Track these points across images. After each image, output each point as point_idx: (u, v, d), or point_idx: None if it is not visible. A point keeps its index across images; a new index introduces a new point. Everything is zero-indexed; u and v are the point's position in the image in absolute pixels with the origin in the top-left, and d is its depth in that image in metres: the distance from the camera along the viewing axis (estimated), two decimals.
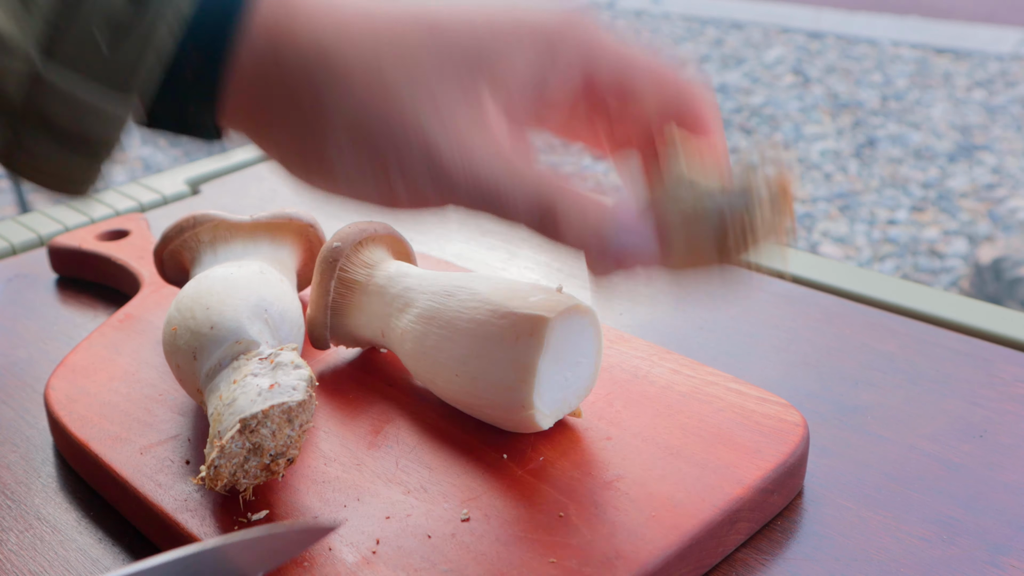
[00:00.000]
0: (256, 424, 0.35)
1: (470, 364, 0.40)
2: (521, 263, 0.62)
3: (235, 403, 0.36)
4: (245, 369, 0.37)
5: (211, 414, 0.37)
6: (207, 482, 0.35)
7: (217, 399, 0.37)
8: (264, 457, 0.36)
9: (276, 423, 0.35)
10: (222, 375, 0.38)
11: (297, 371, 0.37)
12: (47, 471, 0.44)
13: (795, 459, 0.39)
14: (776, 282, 0.58)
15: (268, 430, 0.35)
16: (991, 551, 0.37)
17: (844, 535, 0.38)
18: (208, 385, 0.39)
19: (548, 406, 0.40)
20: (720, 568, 0.37)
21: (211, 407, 0.37)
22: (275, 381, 0.36)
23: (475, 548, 0.35)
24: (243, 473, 0.36)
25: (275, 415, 0.35)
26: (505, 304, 0.40)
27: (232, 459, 0.35)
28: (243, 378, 0.37)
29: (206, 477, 0.35)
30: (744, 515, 0.37)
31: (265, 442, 0.35)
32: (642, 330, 0.54)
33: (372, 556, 0.35)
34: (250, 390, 0.36)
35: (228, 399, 0.36)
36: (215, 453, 0.35)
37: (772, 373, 0.49)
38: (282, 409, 0.35)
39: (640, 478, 0.38)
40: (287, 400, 0.36)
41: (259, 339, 0.39)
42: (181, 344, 0.40)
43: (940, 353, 0.50)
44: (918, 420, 0.45)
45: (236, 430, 0.35)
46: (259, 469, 0.36)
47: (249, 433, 0.35)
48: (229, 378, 0.37)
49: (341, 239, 0.45)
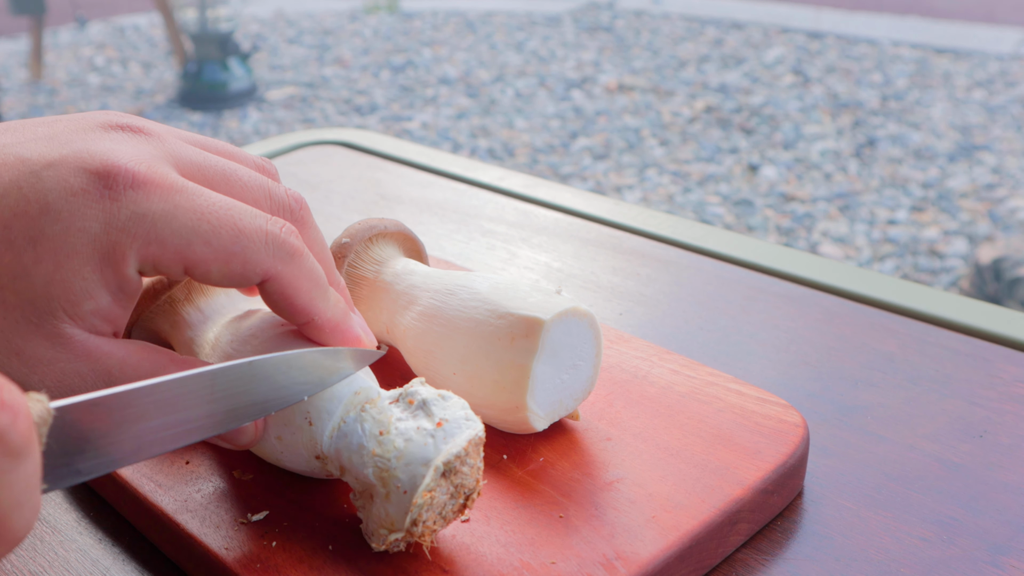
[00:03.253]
0: (459, 464, 0.33)
1: (468, 363, 0.40)
2: (521, 263, 0.62)
3: (409, 452, 0.33)
4: (385, 416, 0.34)
5: (367, 474, 0.34)
6: (408, 538, 0.33)
7: (368, 456, 0.34)
8: (460, 497, 0.34)
9: (473, 458, 0.34)
10: (355, 431, 0.34)
11: (452, 400, 0.35)
12: None
13: (795, 460, 0.39)
14: (776, 282, 0.58)
15: (468, 467, 0.34)
16: (991, 551, 0.37)
17: (844, 535, 0.38)
18: (338, 446, 0.35)
19: (543, 408, 0.40)
20: (720, 568, 0.37)
21: (357, 469, 0.34)
22: (441, 417, 0.34)
23: (475, 549, 0.35)
24: (442, 521, 0.34)
25: (472, 450, 0.34)
26: (504, 304, 0.40)
27: (437, 508, 0.33)
28: (393, 425, 0.34)
29: (406, 535, 0.33)
30: (744, 516, 0.37)
31: (466, 480, 0.34)
32: (642, 330, 0.54)
33: (371, 555, 0.35)
34: (417, 435, 0.33)
35: (392, 452, 0.33)
36: (421, 503, 0.32)
37: (772, 373, 0.49)
38: (475, 442, 0.34)
39: (640, 479, 0.38)
40: (476, 431, 0.34)
41: (371, 382, 0.37)
42: (287, 415, 0.36)
43: (940, 353, 0.50)
44: (918, 420, 0.45)
45: (440, 474, 0.33)
46: (454, 512, 0.34)
47: (452, 475, 0.33)
48: (371, 431, 0.34)
49: (351, 235, 0.45)
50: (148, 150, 0.32)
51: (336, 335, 0.35)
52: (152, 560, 0.39)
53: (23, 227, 0.29)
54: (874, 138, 3.45)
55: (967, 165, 3.20)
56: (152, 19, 5.62)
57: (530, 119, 3.89)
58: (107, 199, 0.30)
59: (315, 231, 0.37)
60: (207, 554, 0.36)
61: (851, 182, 3.12)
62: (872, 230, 2.80)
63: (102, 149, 0.31)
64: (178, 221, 0.31)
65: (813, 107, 3.79)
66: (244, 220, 0.32)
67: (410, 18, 5.65)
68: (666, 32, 5.00)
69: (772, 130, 3.59)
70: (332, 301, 0.35)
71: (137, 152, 0.32)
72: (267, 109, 4.18)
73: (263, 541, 0.36)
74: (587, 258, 0.62)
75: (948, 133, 3.47)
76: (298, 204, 0.36)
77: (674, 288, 0.58)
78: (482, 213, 0.70)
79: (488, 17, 5.54)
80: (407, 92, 4.35)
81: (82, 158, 0.30)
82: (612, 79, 4.31)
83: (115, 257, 0.30)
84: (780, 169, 3.27)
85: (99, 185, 0.30)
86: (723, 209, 3.01)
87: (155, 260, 0.31)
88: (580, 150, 3.55)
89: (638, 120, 3.80)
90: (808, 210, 2.94)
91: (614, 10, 5.51)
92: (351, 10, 5.90)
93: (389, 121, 3.99)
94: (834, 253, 2.68)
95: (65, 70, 4.80)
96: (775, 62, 4.40)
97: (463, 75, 4.53)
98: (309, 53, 5.01)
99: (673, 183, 3.23)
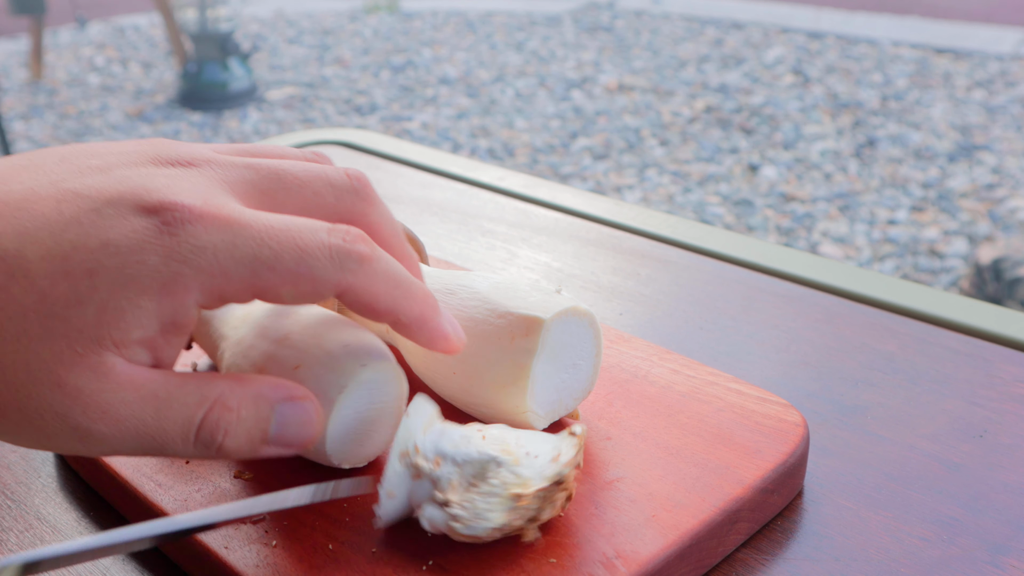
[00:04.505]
0: (557, 488, 0.34)
1: (467, 362, 0.40)
2: (521, 263, 0.62)
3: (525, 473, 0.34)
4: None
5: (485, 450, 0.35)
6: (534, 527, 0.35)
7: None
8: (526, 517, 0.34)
9: (547, 500, 0.35)
10: None
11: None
12: (47, 471, 0.44)
13: (795, 459, 0.39)
14: (776, 282, 0.58)
15: (549, 502, 0.34)
16: (991, 551, 0.37)
17: (844, 535, 0.38)
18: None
19: (543, 407, 0.40)
20: (720, 568, 0.37)
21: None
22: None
23: (474, 548, 0.35)
24: (553, 509, 0.35)
25: (551, 492, 0.34)
26: (504, 303, 0.40)
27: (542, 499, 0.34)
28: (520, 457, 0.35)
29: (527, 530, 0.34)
30: (744, 515, 0.37)
31: (541, 510, 0.34)
32: (642, 330, 0.54)
33: (371, 555, 0.35)
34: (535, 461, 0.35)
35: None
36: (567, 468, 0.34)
37: (772, 373, 0.49)
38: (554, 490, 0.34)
39: (640, 478, 0.38)
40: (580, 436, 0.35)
41: None
42: None
43: (940, 353, 0.50)
44: (918, 420, 0.45)
45: (555, 482, 0.34)
46: (566, 500, 0.35)
47: (552, 491, 0.34)
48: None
49: None
50: (202, 181, 0.32)
51: (423, 332, 0.35)
52: (152, 560, 0.39)
53: (81, 259, 0.29)
54: (874, 138, 3.45)
55: (967, 165, 3.20)
56: (152, 19, 5.62)
57: (530, 119, 3.89)
58: (167, 235, 0.30)
59: (380, 208, 0.36)
60: (207, 554, 0.36)
61: (851, 182, 3.12)
62: (872, 230, 2.80)
63: (158, 186, 0.31)
64: (239, 251, 0.30)
65: (813, 107, 3.79)
66: (305, 238, 0.31)
67: (410, 18, 5.65)
68: (666, 32, 5.01)
69: (772, 130, 3.59)
70: (417, 296, 0.34)
71: (192, 185, 0.32)
72: (267, 109, 4.18)
73: (263, 541, 0.36)
74: (587, 258, 0.62)
75: (948, 133, 3.48)
76: (360, 182, 0.35)
77: (674, 288, 0.58)
78: (482, 213, 0.70)
79: (488, 17, 5.54)
80: (407, 92, 4.35)
81: (139, 195, 0.30)
82: (612, 79, 4.32)
83: (176, 287, 0.30)
84: (780, 169, 3.27)
85: (158, 221, 0.30)
86: (723, 209, 3.01)
87: (221, 291, 0.31)
88: (580, 150, 3.55)
89: (638, 120, 3.80)
90: (808, 210, 2.94)
91: (614, 10, 5.51)
92: (351, 10, 5.90)
93: (389, 121, 3.99)
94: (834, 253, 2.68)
95: (65, 70, 4.80)
96: (775, 62, 4.40)
97: (463, 75, 4.53)
98: (309, 53, 5.01)
99: (673, 183, 3.23)
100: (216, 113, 4.12)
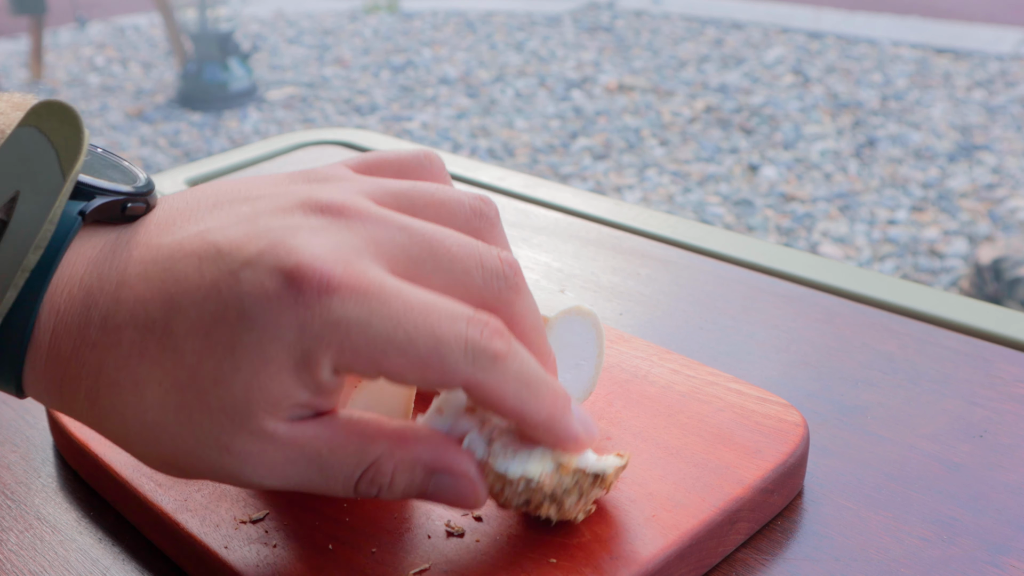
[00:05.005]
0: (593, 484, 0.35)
1: None
2: (521, 263, 0.62)
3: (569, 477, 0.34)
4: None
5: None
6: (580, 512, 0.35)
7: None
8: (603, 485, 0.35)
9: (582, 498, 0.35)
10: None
11: None
12: (47, 471, 0.44)
13: (795, 459, 0.39)
14: (776, 282, 0.58)
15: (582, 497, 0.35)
16: (991, 551, 0.37)
17: (844, 535, 0.38)
18: None
19: None
20: (720, 568, 0.37)
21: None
22: None
23: (474, 548, 0.35)
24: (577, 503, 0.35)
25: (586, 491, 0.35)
26: None
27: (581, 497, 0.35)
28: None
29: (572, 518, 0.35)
30: (744, 515, 0.37)
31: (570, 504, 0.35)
32: (642, 330, 0.54)
33: (371, 555, 0.35)
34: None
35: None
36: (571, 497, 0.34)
37: (772, 373, 0.49)
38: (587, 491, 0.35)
39: (640, 477, 0.38)
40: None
41: None
42: None
43: (940, 353, 0.50)
44: (918, 420, 0.45)
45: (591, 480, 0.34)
46: (602, 490, 0.35)
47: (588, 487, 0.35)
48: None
49: None
50: (347, 240, 0.31)
51: (551, 434, 0.33)
52: (152, 560, 0.39)
53: (222, 335, 0.30)
54: (874, 138, 3.45)
55: (967, 165, 3.20)
56: (152, 19, 5.62)
57: (530, 119, 3.90)
58: (301, 305, 0.29)
59: (527, 300, 0.34)
60: (207, 554, 0.36)
61: (851, 182, 3.12)
62: (872, 230, 2.80)
63: (298, 244, 0.30)
64: (373, 329, 0.30)
65: (813, 107, 3.79)
66: (443, 327, 0.30)
67: (410, 18, 5.65)
68: (666, 32, 5.01)
69: (772, 130, 3.59)
70: (546, 398, 0.32)
71: (335, 246, 0.31)
72: (267, 109, 4.18)
73: (263, 541, 0.36)
74: (587, 258, 0.62)
75: (948, 133, 3.48)
76: (512, 270, 0.33)
77: (674, 288, 0.58)
78: None
79: (488, 17, 5.54)
80: (407, 92, 4.35)
81: (278, 255, 0.30)
82: (612, 79, 4.32)
83: (309, 364, 0.30)
84: (780, 169, 3.27)
85: (292, 290, 0.29)
86: (723, 209, 3.01)
87: (349, 366, 0.30)
88: (580, 150, 3.55)
89: (638, 120, 3.80)
90: (808, 210, 2.94)
91: (614, 10, 5.51)
92: (351, 10, 5.90)
93: (389, 121, 4.00)
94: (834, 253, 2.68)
95: (65, 70, 4.80)
96: (775, 62, 4.40)
97: (463, 75, 4.53)
98: (309, 53, 5.01)
99: (673, 183, 3.23)
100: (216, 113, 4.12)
